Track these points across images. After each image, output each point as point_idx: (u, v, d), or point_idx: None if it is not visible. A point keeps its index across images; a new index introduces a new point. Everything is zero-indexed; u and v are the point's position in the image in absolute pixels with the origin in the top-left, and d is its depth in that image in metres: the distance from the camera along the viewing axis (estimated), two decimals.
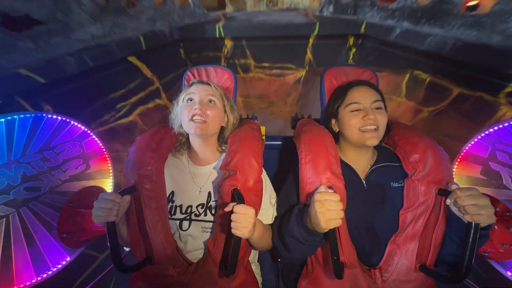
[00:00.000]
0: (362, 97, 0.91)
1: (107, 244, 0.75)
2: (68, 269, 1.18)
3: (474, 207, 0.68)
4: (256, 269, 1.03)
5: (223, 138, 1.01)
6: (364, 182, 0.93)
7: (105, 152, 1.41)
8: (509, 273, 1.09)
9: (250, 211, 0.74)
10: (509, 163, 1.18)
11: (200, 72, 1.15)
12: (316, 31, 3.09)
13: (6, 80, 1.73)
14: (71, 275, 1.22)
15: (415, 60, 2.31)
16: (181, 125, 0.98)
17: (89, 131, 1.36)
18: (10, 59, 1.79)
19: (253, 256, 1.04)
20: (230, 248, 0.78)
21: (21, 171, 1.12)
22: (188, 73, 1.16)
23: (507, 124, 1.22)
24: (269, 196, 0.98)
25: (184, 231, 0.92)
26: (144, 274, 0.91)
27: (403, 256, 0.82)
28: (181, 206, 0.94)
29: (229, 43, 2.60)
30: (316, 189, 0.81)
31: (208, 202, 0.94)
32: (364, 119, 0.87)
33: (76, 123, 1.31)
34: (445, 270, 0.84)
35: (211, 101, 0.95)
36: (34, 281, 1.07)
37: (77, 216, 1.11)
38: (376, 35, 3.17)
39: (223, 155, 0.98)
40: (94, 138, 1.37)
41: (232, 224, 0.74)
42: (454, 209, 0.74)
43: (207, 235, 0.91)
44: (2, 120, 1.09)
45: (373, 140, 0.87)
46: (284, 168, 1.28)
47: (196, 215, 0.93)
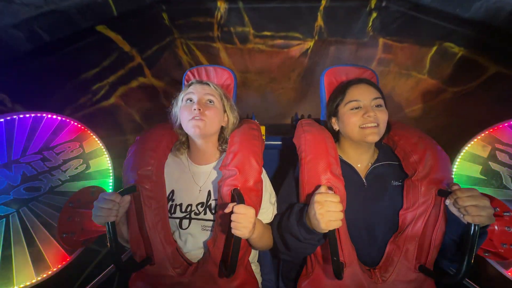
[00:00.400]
0: (362, 95, 0.91)
1: (107, 244, 0.75)
2: (69, 267, 1.18)
3: (475, 208, 0.68)
4: (256, 269, 1.03)
5: (223, 138, 1.01)
6: (365, 181, 0.93)
7: (105, 152, 1.41)
8: (509, 273, 1.09)
9: (250, 211, 0.74)
10: (509, 163, 1.18)
11: (200, 72, 1.16)
12: None
13: None
14: (72, 273, 1.21)
15: (449, 30, 1.95)
16: (180, 125, 0.98)
17: (89, 131, 1.36)
18: None
19: (253, 256, 1.04)
20: (230, 248, 0.78)
21: (21, 171, 1.12)
22: (188, 73, 1.17)
23: (507, 124, 1.22)
24: (269, 195, 0.98)
25: (184, 229, 0.92)
26: (144, 274, 0.91)
27: (402, 256, 0.82)
28: (181, 205, 0.95)
29: (222, 6, 2.14)
30: (316, 189, 0.81)
31: (208, 201, 0.94)
32: (364, 117, 0.87)
33: (76, 123, 1.31)
34: (444, 270, 0.84)
35: (210, 101, 0.95)
36: (34, 281, 1.07)
37: (77, 216, 1.11)
38: None
39: (223, 154, 0.98)
40: (94, 138, 1.38)
41: (232, 224, 0.74)
42: (454, 210, 0.74)
43: (207, 234, 0.92)
44: (2, 120, 1.09)
45: (373, 136, 0.87)
46: (284, 168, 1.28)
47: (196, 214, 0.93)
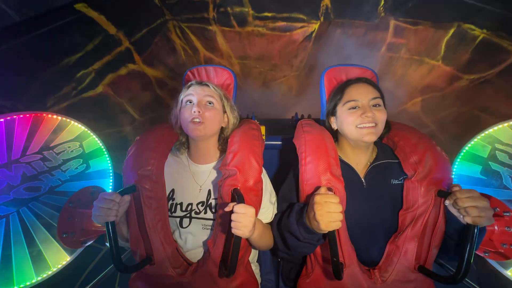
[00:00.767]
0: (360, 95, 0.90)
1: (107, 244, 0.75)
2: (69, 267, 1.18)
3: (475, 209, 0.68)
4: (256, 269, 1.03)
5: (223, 138, 1.01)
6: (364, 181, 0.93)
7: (105, 152, 1.41)
8: (509, 273, 1.09)
9: (250, 210, 0.74)
10: (509, 163, 1.18)
11: (199, 72, 1.16)
12: None
13: None
14: (72, 273, 1.21)
15: (474, 9, 1.74)
16: (181, 126, 0.98)
17: (89, 131, 1.36)
18: None
19: (253, 256, 1.04)
20: (230, 248, 0.78)
21: (21, 171, 1.12)
22: (188, 73, 1.17)
23: (507, 124, 1.22)
24: (269, 195, 0.98)
25: (184, 228, 0.92)
26: (144, 274, 0.91)
27: (402, 256, 0.82)
28: (181, 204, 0.95)
29: None
30: (315, 190, 0.81)
31: (208, 200, 0.94)
32: (362, 117, 0.87)
33: (76, 123, 1.32)
34: (444, 270, 0.84)
35: (209, 103, 0.95)
36: (34, 281, 1.07)
37: (77, 216, 1.11)
38: None
39: (224, 154, 0.98)
40: (94, 138, 1.38)
41: (232, 224, 0.74)
42: (453, 210, 0.74)
43: (207, 233, 0.92)
44: (2, 120, 1.09)
45: (371, 136, 0.86)
46: (284, 168, 1.28)
47: (196, 213, 0.93)
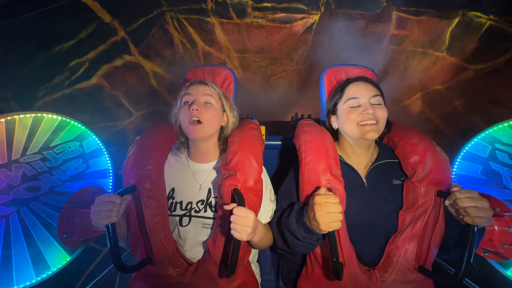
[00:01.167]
0: (361, 92, 0.90)
1: (107, 244, 0.75)
2: (69, 267, 1.18)
3: (474, 209, 0.68)
4: (256, 269, 1.03)
5: (223, 137, 1.01)
6: (365, 181, 0.92)
7: (105, 152, 1.41)
8: (509, 273, 1.09)
9: (250, 215, 0.74)
10: (509, 163, 1.18)
11: (200, 72, 1.16)
12: None
13: None
14: (72, 273, 1.21)
15: None
16: (180, 126, 0.98)
17: (89, 131, 1.36)
18: None
19: (253, 256, 1.04)
20: (230, 249, 0.78)
21: (21, 171, 1.12)
22: (188, 72, 1.17)
23: (507, 124, 1.22)
24: (269, 193, 0.98)
25: (184, 226, 0.92)
26: (144, 274, 0.91)
27: (402, 256, 0.82)
28: (181, 203, 0.95)
29: None
30: (315, 190, 0.81)
31: (208, 199, 0.94)
32: (363, 114, 0.87)
33: (76, 123, 1.31)
34: (444, 269, 0.84)
35: (207, 103, 0.94)
36: (34, 281, 1.07)
37: (77, 216, 1.11)
38: None
39: (224, 153, 0.98)
40: (94, 138, 1.38)
41: (232, 226, 0.74)
42: (452, 211, 0.74)
43: (207, 232, 0.92)
44: (2, 120, 1.09)
45: (373, 133, 0.86)
46: (284, 168, 1.28)
47: (196, 211, 0.93)
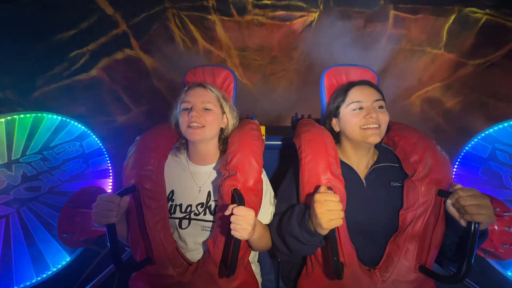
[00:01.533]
0: (364, 96, 0.91)
1: (107, 244, 0.75)
2: (69, 267, 1.18)
3: (476, 207, 0.68)
4: (256, 269, 1.03)
5: (223, 138, 1.01)
6: (364, 182, 0.93)
7: (105, 152, 1.41)
8: (509, 273, 1.09)
9: (250, 213, 0.74)
10: (509, 163, 1.18)
11: (200, 72, 1.15)
12: None
13: None
14: (72, 273, 1.21)
15: None
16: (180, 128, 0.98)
17: (89, 131, 1.36)
18: None
19: (253, 256, 1.04)
20: (230, 249, 0.78)
21: (21, 171, 1.12)
22: (188, 72, 1.16)
23: (507, 124, 1.22)
24: (269, 194, 0.98)
25: (184, 229, 0.92)
26: (144, 274, 0.91)
27: (402, 256, 0.82)
28: (180, 205, 0.94)
29: None
30: (316, 189, 0.81)
31: (207, 202, 0.94)
32: (366, 118, 0.87)
33: (76, 123, 1.31)
34: (444, 269, 0.84)
35: (206, 109, 0.93)
36: (34, 281, 1.07)
37: (77, 216, 1.11)
38: None
39: (223, 155, 0.98)
40: (94, 138, 1.38)
41: (232, 226, 0.74)
42: (452, 211, 0.74)
43: (207, 234, 0.92)
44: (2, 120, 1.09)
45: (375, 137, 0.87)
46: (284, 168, 1.28)
47: (195, 214, 0.93)
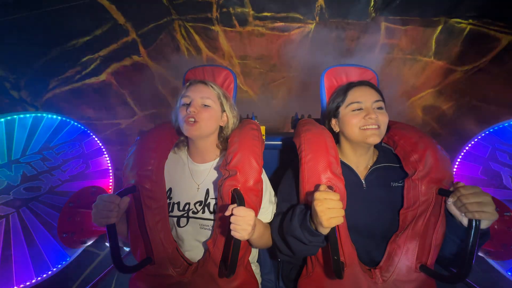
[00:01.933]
0: (363, 97, 0.91)
1: (107, 244, 0.75)
2: (69, 267, 1.18)
3: (478, 205, 0.68)
4: (256, 269, 1.03)
5: (223, 137, 1.01)
6: (364, 182, 0.93)
7: (105, 152, 1.41)
8: (509, 273, 1.09)
9: (250, 214, 0.74)
10: (509, 163, 1.18)
11: (200, 72, 1.16)
12: None
13: None
14: (72, 273, 1.21)
15: (452, 1, 1.84)
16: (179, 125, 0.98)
17: (89, 131, 1.36)
18: None
19: (253, 256, 1.04)
20: (230, 249, 0.78)
21: (21, 171, 1.12)
22: (188, 72, 1.17)
23: (507, 124, 1.22)
24: (269, 194, 0.98)
25: (182, 227, 0.92)
26: (144, 274, 0.90)
27: (403, 256, 0.82)
28: (178, 203, 0.94)
29: None
30: (316, 188, 0.81)
31: (206, 200, 0.94)
32: (365, 118, 0.88)
33: (76, 123, 1.31)
34: (445, 270, 0.84)
35: (205, 105, 0.94)
36: (34, 281, 1.07)
37: (77, 216, 1.11)
38: None
39: (223, 154, 0.98)
40: (94, 138, 1.38)
41: (232, 226, 0.74)
42: (453, 209, 0.74)
43: (206, 233, 0.91)
44: (2, 120, 1.09)
45: (374, 138, 0.87)
46: (284, 168, 1.28)
47: (194, 212, 0.93)
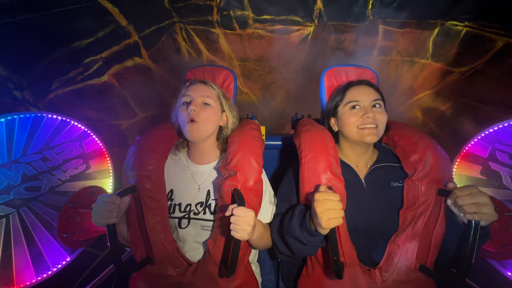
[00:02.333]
0: (362, 96, 0.91)
1: (107, 244, 0.75)
2: (69, 267, 1.18)
3: (475, 206, 0.68)
4: (256, 269, 1.03)
5: (222, 137, 1.01)
6: (364, 182, 0.93)
7: (105, 152, 1.41)
8: (509, 273, 1.09)
9: (250, 214, 0.74)
10: (509, 163, 1.18)
11: (200, 72, 1.16)
12: None
13: None
14: (72, 273, 1.21)
15: (447, 3, 1.88)
16: (179, 126, 0.98)
17: (89, 131, 1.36)
18: None
19: (253, 256, 1.04)
20: (230, 249, 0.78)
21: (21, 171, 1.12)
22: (188, 72, 1.17)
23: (507, 124, 1.22)
24: (269, 195, 0.98)
25: (183, 229, 0.92)
26: (144, 274, 0.90)
27: (403, 256, 0.82)
28: (180, 205, 0.94)
29: None
30: (316, 189, 0.81)
31: (207, 201, 0.94)
32: (363, 117, 0.88)
33: (76, 123, 1.31)
34: (445, 270, 0.84)
35: (205, 103, 0.94)
36: (34, 281, 1.07)
37: (77, 216, 1.11)
38: None
39: (224, 154, 0.98)
40: (94, 138, 1.38)
41: (232, 227, 0.74)
42: (454, 209, 0.74)
43: (207, 234, 0.91)
44: (2, 120, 1.09)
45: (372, 137, 0.87)
46: (284, 168, 1.28)
47: (195, 214, 0.93)
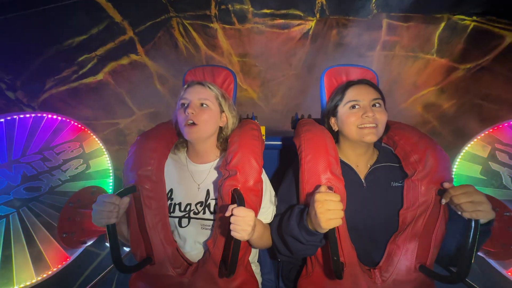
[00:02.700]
0: (361, 95, 0.91)
1: (107, 244, 0.75)
2: (69, 267, 1.18)
3: (470, 204, 0.68)
4: (256, 269, 1.03)
5: (223, 137, 1.01)
6: (364, 182, 0.93)
7: (105, 152, 1.41)
8: (509, 273, 1.09)
9: (250, 214, 0.74)
10: (509, 163, 1.18)
11: (199, 72, 1.16)
12: None
13: None
14: (72, 273, 1.21)
15: None
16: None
17: (89, 131, 1.36)
18: None
19: (253, 256, 1.04)
20: (230, 249, 0.78)
21: (21, 171, 1.12)
22: (188, 72, 1.17)
23: (507, 124, 1.23)
24: (269, 195, 0.98)
25: (183, 228, 0.92)
26: (144, 274, 0.91)
27: (403, 256, 0.82)
28: (180, 204, 0.95)
29: None
30: (316, 189, 0.81)
31: (207, 200, 0.94)
32: (363, 117, 0.88)
33: (76, 123, 1.32)
34: (445, 270, 0.84)
35: (203, 105, 0.94)
36: (34, 281, 1.07)
37: (77, 216, 1.11)
38: None
39: (223, 154, 0.98)
40: (94, 138, 1.38)
41: (232, 227, 0.74)
42: (455, 208, 0.74)
43: (207, 233, 0.92)
44: (2, 120, 1.09)
45: (371, 136, 0.87)
46: (284, 168, 1.28)
47: (195, 213, 0.93)
